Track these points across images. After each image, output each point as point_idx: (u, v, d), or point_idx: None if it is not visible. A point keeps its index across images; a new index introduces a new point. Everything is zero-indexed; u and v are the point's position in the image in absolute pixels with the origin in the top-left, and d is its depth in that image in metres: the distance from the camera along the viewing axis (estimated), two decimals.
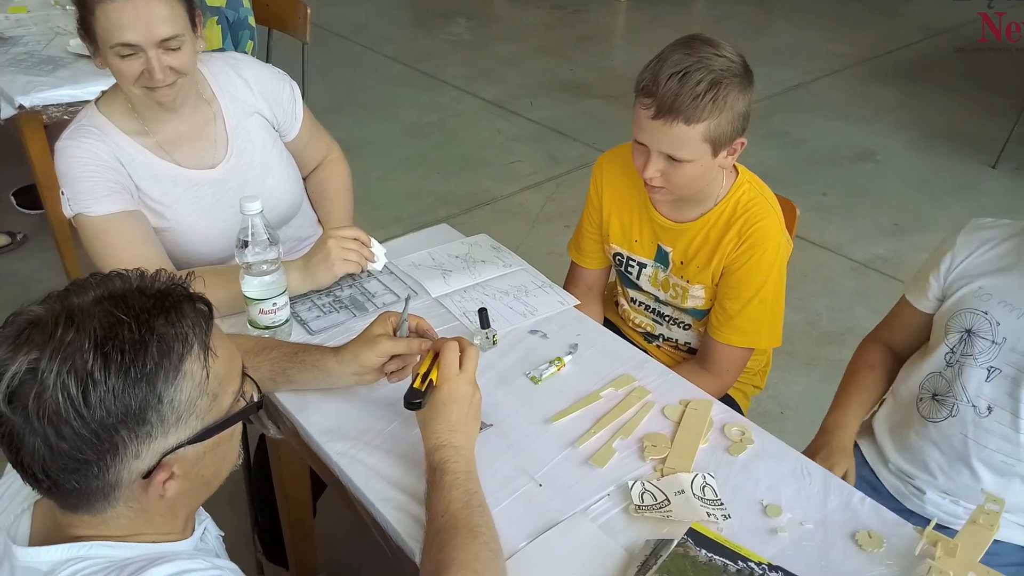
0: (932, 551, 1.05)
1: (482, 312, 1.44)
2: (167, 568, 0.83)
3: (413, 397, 1.13)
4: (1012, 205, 3.75)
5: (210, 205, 1.62)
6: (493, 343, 1.44)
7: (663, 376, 1.39)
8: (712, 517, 1.10)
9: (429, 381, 1.14)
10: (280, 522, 1.78)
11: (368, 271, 1.59)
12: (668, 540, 1.05)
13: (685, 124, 1.33)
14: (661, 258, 1.62)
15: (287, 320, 1.43)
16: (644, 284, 1.69)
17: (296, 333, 1.46)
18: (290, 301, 1.44)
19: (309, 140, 1.80)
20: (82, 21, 1.44)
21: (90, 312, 0.78)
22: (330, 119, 1.89)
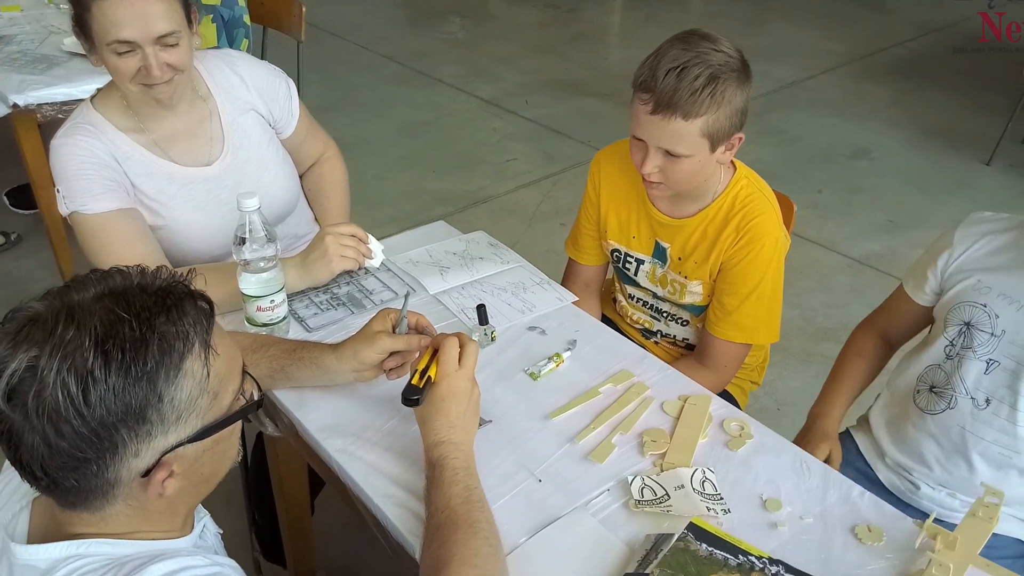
0: (932, 544, 1.05)
1: (480, 308, 1.43)
2: (167, 565, 0.83)
3: (411, 393, 1.12)
4: (1006, 202, 3.76)
5: (206, 202, 1.62)
6: (492, 339, 1.43)
7: (662, 372, 1.39)
8: (712, 512, 1.11)
9: (428, 377, 1.14)
10: (278, 520, 1.77)
11: (365, 268, 1.59)
12: (669, 534, 1.05)
13: (683, 119, 1.33)
14: (659, 254, 1.62)
15: (285, 317, 1.42)
16: (642, 280, 1.69)
17: (294, 330, 1.46)
18: (288, 298, 1.44)
19: (305, 137, 1.80)
20: (77, 18, 1.43)
21: (91, 309, 0.78)
22: (325, 118, 1.89)
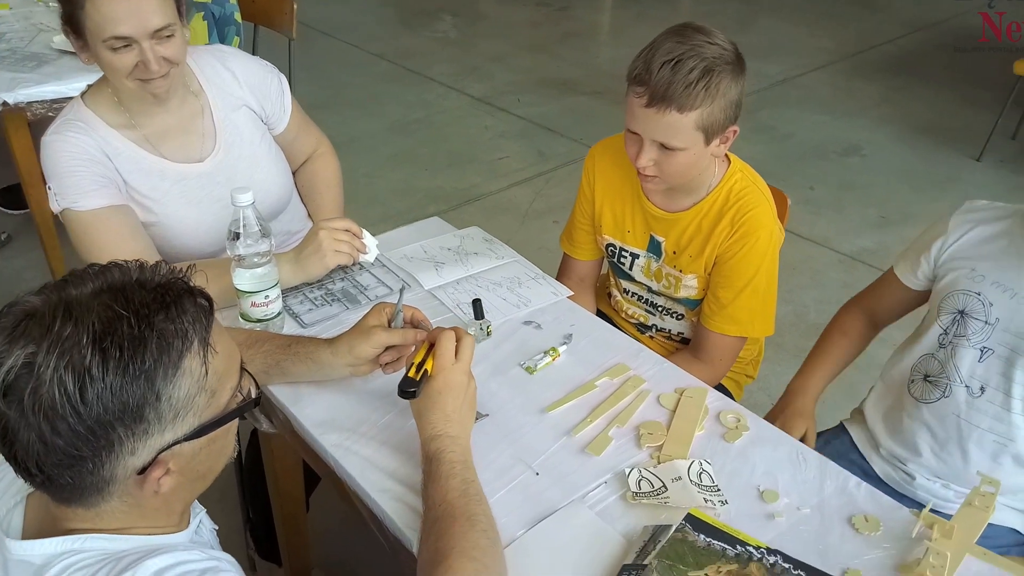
0: (929, 533, 1.05)
1: (476, 303, 1.43)
2: (163, 559, 0.82)
3: (408, 386, 1.12)
4: (997, 197, 3.69)
5: (199, 199, 1.61)
6: (487, 334, 1.43)
7: (658, 365, 1.39)
8: (709, 503, 1.11)
9: (424, 371, 1.14)
10: (272, 518, 1.76)
11: (360, 263, 1.58)
12: (666, 526, 1.05)
13: (678, 112, 1.33)
14: (654, 248, 1.62)
15: (279, 313, 1.42)
16: (637, 275, 1.69)
17: (288, 326, 1.45)
18: (282, 294, 1.43)
19: (298, 133, 1.79)
20: (68, 17, 1.41)
21: (88, 305, 0.77)
22: (316, 116, 1.88)
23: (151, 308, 0.78)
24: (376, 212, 3.52)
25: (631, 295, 1.75)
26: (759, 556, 1.01)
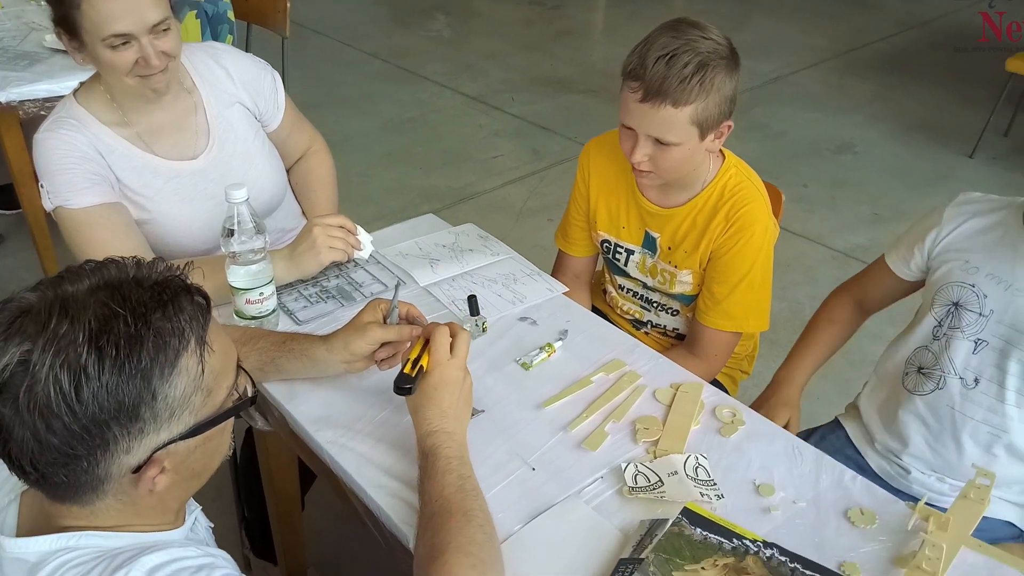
0: (924, 526, 1.05)
1: (471, 299, 1.43)
2: (159, 556, 0.82)
3: (403, 382, 1.12)
4: (989, 193, 3.79)
5: (192, 196, 1.60)
6: (483, 330, 1.43)
7: (653, 360, 1.39)
8: (705, 497, 1.11)
9: (419, 367, 1.13)
10: (267, 517, 1.76)
11: (355, 260, 1.58)
12: (663, 520, 1.05)
13: (673, 107, 1.33)
14: (649, 244, 1.62)
15: (274, 310, 1.41)
16: (632, 271, 1.69)
17: (283, 323, 1.45)
18: (276, 291, 1.43)
19: (292, 131, 1.79)
20: (62, 19, 1.40)
21: (84, 303, 0.76)
22: (310, 115, 1.88)
23: (148, 306, 0.78)
24: (370, 211, 3.51)
25: (626, 291, 1.75)
26: (755, 549, 1.01)
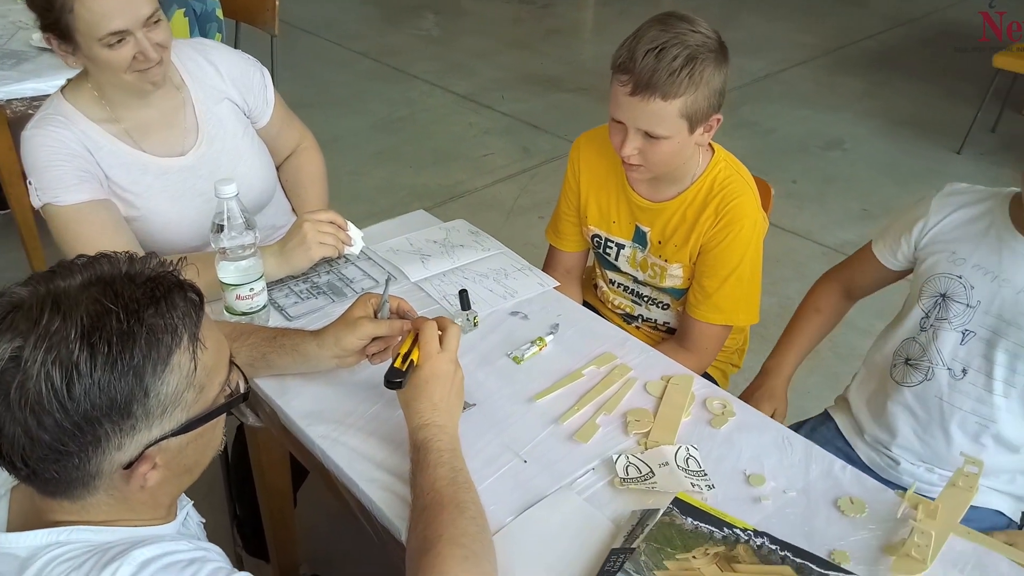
0: (913, 514, 1.06)
1: (462, 294, 1.43)
2: (150, 550, 0.81)
3: (394, 376, 1.12)
4: None
5: (181, 193, 1.60)
6: (474, 325, 1.43)
7: (644, 353, 1.39)
8: (696, 488, 1.11)
9: (410, 361, 1.13)
10: (260, 514, 1.76)
11: (345, 256, 1.58)
12: (654, 510, 1.05)
13: (662, 100, 1.33)
14: (639, 238, 1.63)
15: (264, 306, 1.41)
16: (622, 265, 1.69)
17: (274, 319, 1.45)
18: (267, 287, 1.42)
19: (281, 127, 1.78)
20: (53, 23, 1.39)
21: (77, 299, 0.76)
22: (299, 114, 1.87)
23: (141, 303, 0.78)
24: (361, 209, 3.50)
25: (617, 286, 1.76)
26: (746, 538, 1.02)
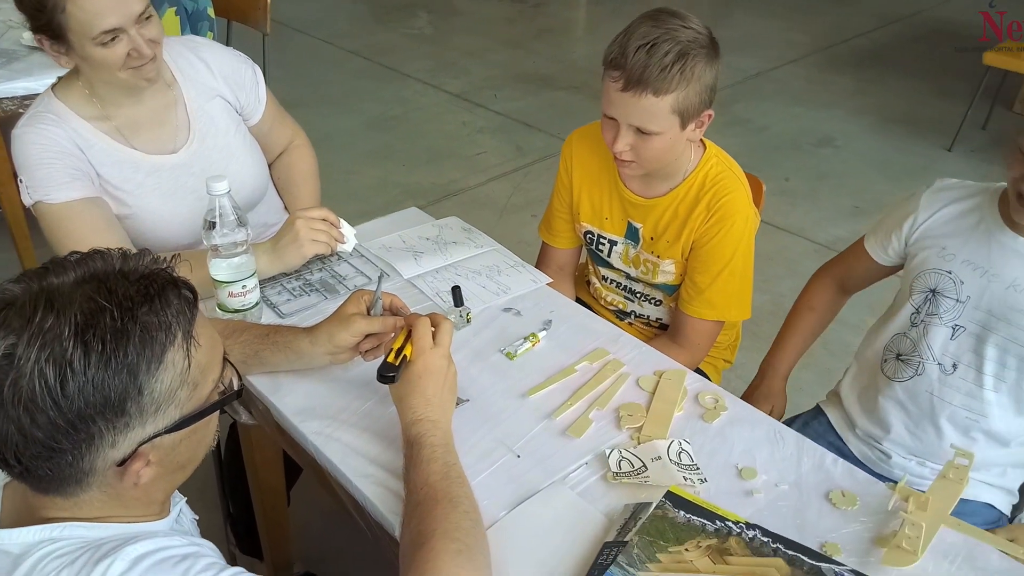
0: (904, 506, 1.07)
1: (455, 290, 1.43)
2: (144, 545, 0.81)
3: (386, 371, 1.12)
4: None
5: (173, 190, 1.59)
6: (467, 321, 1.43)
7: (637, 349, 1.40)
8: (689, 481, 1.12)
9: (403, 356, 1.13)
10: (253, 513, 1.75)
11: (338, 253, 1.58)
12: (647, 503, 1.06)
13: (654, 96, 1.33)
14: (631, 235, 1.63)
15: (257, 303, 1.41)
16: (615, 261, 1.70)
17: (267, 316, 1.45)
18: (260, 285, 1.42)
19: (273, 125, 1.78)
20: (45, 25, 1.38)
21: (70, 296, 0.76)
22: (292, 113, 1.87)
23: (134, 300, 0.77)
24: (354, 208, 3.49)
25: (609, 282, 1.76)
26: (738, 531, 1.02)
